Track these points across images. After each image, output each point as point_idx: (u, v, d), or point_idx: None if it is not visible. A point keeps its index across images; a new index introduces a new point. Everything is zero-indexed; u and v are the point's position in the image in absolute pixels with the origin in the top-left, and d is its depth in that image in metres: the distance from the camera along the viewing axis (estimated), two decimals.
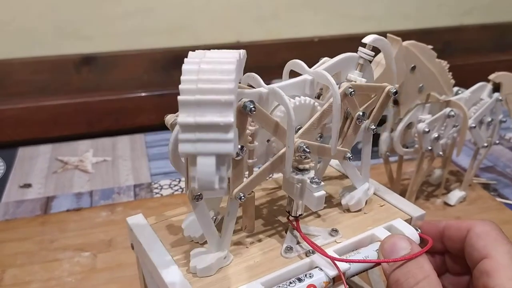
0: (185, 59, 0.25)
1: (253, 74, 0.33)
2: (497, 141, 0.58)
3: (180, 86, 0.23)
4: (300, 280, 0.30)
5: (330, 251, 0.32)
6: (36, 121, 0.76)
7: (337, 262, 0.30)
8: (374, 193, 0.41)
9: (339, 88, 0.34)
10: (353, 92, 0.34)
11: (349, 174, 0.38)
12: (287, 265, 0.31)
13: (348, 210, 0.38)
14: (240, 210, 0.35)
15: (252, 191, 0.34)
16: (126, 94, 0.80)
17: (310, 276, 0.30)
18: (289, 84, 0.34)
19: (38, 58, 0.76)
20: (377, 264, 0.32)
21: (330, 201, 0.39)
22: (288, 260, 0.32)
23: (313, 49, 0.87)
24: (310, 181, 0.32)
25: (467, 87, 0.55)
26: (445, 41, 0.95)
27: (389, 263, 0.30)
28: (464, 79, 0.56)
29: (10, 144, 0.76)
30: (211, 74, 0.23)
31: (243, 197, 0.31)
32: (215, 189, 0.23)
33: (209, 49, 0.28)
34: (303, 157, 0.33)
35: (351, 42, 0.36)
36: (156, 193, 0.64)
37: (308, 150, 0.32)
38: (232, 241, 0.34)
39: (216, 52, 0.26)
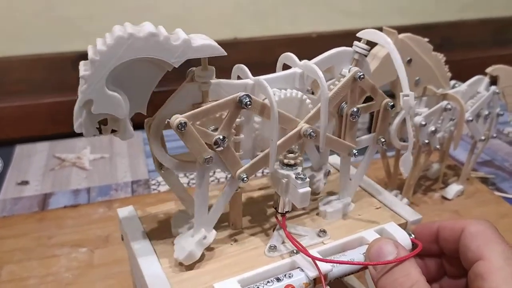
0: (126, 23, 0.27)
1: (242, 65, 0.33)
2: (494, 135, 0.58)
3: (97, 38, 0.27)
4: (278, 279, 0.29)
5: (313, 252, 0.31)
6: (33, 118, 0.76)
7: (319, 264, 0.30)
8: (371, 195, 0.40)
9: (348, 72, 0.34)
10: (362, 76, 0.33)
11: (341, 173, 0.37)
12: (268, 264, 0.31)
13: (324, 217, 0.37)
14: (228, 207, 0.35)
15: (240, 187, 0.34)
16: None
17: (289, 276, 0.30)
18: (278, 77, 0.33)
19: (35, 56, 0.76)
20: (364, 267, 0.31)
21: None
22: (270, 259, 0.32)
23: (311, 45, 0.87)
24: (295, 177, 0.31)
25: (465, 82, 0.54)
26: (443, 36, 0.95)
27: (376, 270, 0.29)
28: (463, 74, 0.56)
29: (7, 142, 0.76)
30: (109, 36, 0.26)
31: (246, 178, 0.31)
32: (75, 130, 0.28)
33: None
34: (290, 152, 0.33)
35: (349, 38, 0.36)
36: (154, 189, 0.64)
37: (314, 135, 0.31)
38: (218, 237, 0.33)
39: (146, 25, 0.27)
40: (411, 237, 0.33)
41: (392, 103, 0.36)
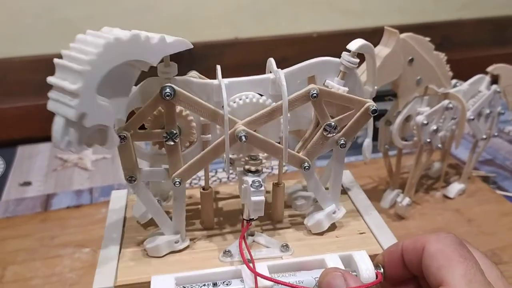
0: (88, 30, 0.26)
1: (218, 66, 0.33)
2: (496, 133, 0.58)
3: (62, 51, 0.26)
4: (215, 285, 0.29)
5: (263, 265, 0.30)
6: (35, 119, 0.76)
7: (259, 278, 0.29)
8: (361, 216, 0.38)
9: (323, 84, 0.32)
10: (315, 95, 0.31)
11: (311, 188, 0.35)
12: (213, 268, 0.30)
13: (311, 231, 0.36)
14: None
15: (210, 187, 0.34)
16: None
17: (227, 284, 0.29)
18: (249, 81, 0.33)
19: (36, 57, 0.76)
20: None
21: None
22: (220, 264, 0.32)
23: (311, 45, 0.87)
24: (251, 184, 0.30)
25: (465, 81, 0.55)
26: (443, 35, 0.95)
27: None
28: (463, 73, 0.56)
29: (9, 143, 0.76)
30: (86, 45, 0.25)
31: (178, 183, 0.31)
32: (61, 149, 0.25)
33: (207, 45, 0.29)
34: (253, 158, 0.32)
35: (350, 38, 0.35)
36: None
37: (244, 139, 0.30)
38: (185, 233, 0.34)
39: (114, 29, 0.27)
40: (378, 270, 0.30)
41: (374, 108, 0.32)
